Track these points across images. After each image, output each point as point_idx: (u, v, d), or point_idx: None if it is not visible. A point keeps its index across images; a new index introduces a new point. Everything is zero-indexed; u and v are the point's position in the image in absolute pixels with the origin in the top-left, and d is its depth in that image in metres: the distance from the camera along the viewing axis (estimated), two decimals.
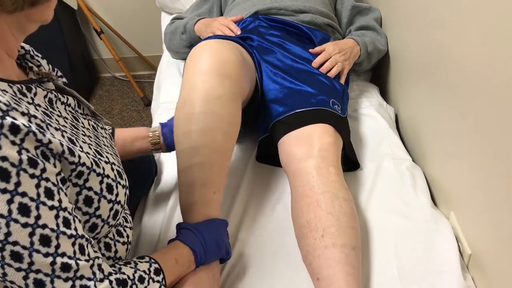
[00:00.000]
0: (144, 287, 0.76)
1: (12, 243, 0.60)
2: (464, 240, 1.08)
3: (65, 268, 0.65)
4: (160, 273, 0.80)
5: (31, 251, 0.62)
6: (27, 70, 0.79)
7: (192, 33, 1.54)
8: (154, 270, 0.80)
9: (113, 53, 2.51)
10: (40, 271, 0.63)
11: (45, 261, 0.63)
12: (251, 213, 1.16)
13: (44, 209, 0.63)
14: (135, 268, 0.77)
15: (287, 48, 1.38)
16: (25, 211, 0.61)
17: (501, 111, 0.89)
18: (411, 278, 1.00)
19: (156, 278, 0.79)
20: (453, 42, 1.08)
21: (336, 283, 0.92)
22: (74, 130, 0.76)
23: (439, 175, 1.22)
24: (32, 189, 0.61)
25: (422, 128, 1.33)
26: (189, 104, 1.05)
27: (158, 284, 0.79)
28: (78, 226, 0.68)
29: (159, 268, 0.81)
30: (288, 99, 1.24)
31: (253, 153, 1.33)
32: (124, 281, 0.72)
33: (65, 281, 0.65)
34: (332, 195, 1.03)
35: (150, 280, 0.78)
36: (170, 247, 0.90)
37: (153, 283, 0.78)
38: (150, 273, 0.78)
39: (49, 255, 0.63)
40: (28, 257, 0.62)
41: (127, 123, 2.51)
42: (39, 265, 0.63)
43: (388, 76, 1.62)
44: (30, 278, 0.63)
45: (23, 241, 0.61)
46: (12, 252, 0.60)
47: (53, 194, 0.64)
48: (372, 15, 1.63)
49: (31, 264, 0.62)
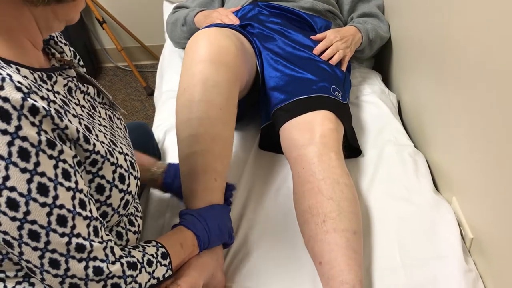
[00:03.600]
0: (152, 270, 0.77)
1: (30, 222, 0.61)
2: (466, 224, 1.08)
3: (79, 248, 0.66)
4: (167, 257, 0.82)
5: (48, 231, 0.63)
6: (49, 56, 0.80)
7: (192, 25, 1.54)
8: (161, 254, 0.81)
9: (115, 43, 2.50)
10: (55, 251, 0.64)
11: (61, 240, 0.64)
12: (254, 199, 1.17)
13: (62, 189, 0.64)
14: (143, 252, 0.78)
15: (288, 35, 1.38)
16: (44, 191, 0.62)
17: (503, 97, 0.89)
18: (413, 263, 1.01)
19: (163, 262, 0.81)
20: (455, 29, 1.08)
21: (338, 267, 0.93)
22: (90, 119, 0.77)
23: (441, 161, 1.23)
24: (50, 170, 0.62)
25: (424, 114, 1.33)
26: (188, 92, 1.05)
27: (165, 267, 0.81)
28: (93, 209, 0.70)
29: (166, 252, 0.82)
30: (289, 87, 1.24)
31: (255, 140, 1.33)
32: (134, 264, 0.74)
33: (79, 262, 0.66)
34: (333, 180, 1.04)
35: (157, 263, 0.79)
36: (175, 232, 0.91)
37: (160, 267, 0.80)
38: (157, 257, 0.80)
39: (65, 235, 0.64)
40: (45, 236, 0.63)
41: (130, 112, 2.51)
42: (55, 245, 0.64)
43: (391, 63, 1.61)
44: (46, 257, 0.64)
45: (41, 220, 0.62)
46: (30, 230, 0.62)
47: (70, 175, 0.65)
48: (374, 2, 1.62)
49: (47, 243, 0.63)
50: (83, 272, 0.67)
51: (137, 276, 0.74)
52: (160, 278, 0.80)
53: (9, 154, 0.59)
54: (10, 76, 0.59)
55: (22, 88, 0.60)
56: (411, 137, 1.37)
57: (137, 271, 0.74)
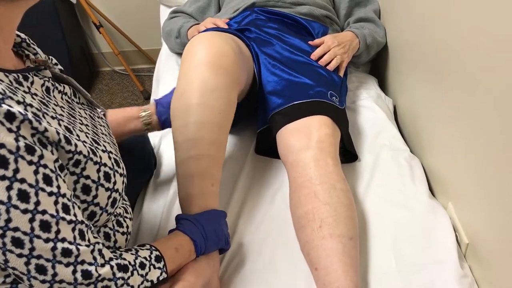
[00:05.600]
0: (145, 273, 0.77)
1: (12, 229, 0.61)
2: (461, 230, 1.08)
3: (66, 253, 0.65)
4: (161, 260, 0.81)
5: (32, 237, 0.62)
6: (23, 58, 0.79)
7: (185, 39, 1.55)
8: (155, 257, 0.81)
9: (112, 47, 2.51)
10: (41, 257, 0.64)
11: (46, 246, 0.63)
12: (250, 204, 1.17)
13: (43, 195, 0.63)
14: (136, 254, 0.78)
15: (285, 40, 1.39)
16: (24, 198, 0.61)
17: (500, 101, 0.89)
18: (409, 268, 1.01)
19: (157, 265, 0.80)
20: (451, 33, 1.08)
21: (334, 273, 0.93)
22: (71, 119, 0.76)
23: (437, 166, 1.23)
24: (30, 176, 0.62)
25: (421, 119, 1.33)
26: (186, 96, 1.05)
27: (159, 270, 0.80)
28: (78, 212, 0.69)
29: (160, 255, 0.82)
30: (286, 91, 1.24)
31: (252, 145, 1.33)
32: (125, 266, 0.73)
33: (67, 266, 0.66)
34: (329, 186, 1.04)
35: (151, 266, 0.79)
36: (170, 237, 0.91)
37: (154, 270, 0.79)
38: (151, 260, 0.79)
39: (50, 241, 0.64)
40: (29, 243, 0.62)
41: None
42: (40, 251, 0.63)
43: (387, 67, 1.62)
44: (32, 263, 0.63)
45: (23, 227, 0.61)
46: (13, 238, 0.61)
47: (52, 180, 0.65)
48: (370, 7, 1.63)
49: (32, 249, 0.63)
50: (71, 277, 0.66)
51: (129, 279, 0.73)
52: (154, 281, 0.79)
53: (9, 198, 0.59)
54: None
55: (12, 129, 0.59)
56: (407, 142, 1.37)
57: (129, 273, 0.73)
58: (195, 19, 1.66)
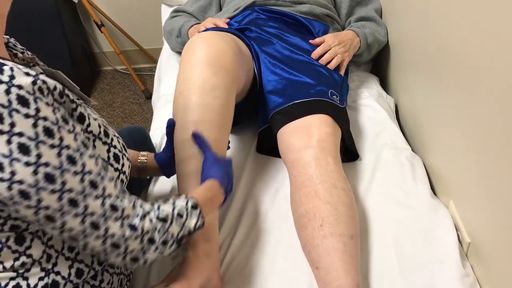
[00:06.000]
0: (183, 221, 0.79)
1: (68, 190, 0.66)
2: (463, 228, 1.08)
3: (113, 208, 0.71)
4: (197, 207, 0.83)
5: (84, 196, 0.67)
6: (12, 57, 0.80)
7: (186, 38, 1.55)
8: (191, 205, 0.82)
9: (113, 46, 2.51)
10: (94, 214, 0.69)
11: (97, 203, 0.69)
12: (251, 203, 1.17)
13: (86, 157, 0.69)
14: (173, 205, 0.80)
15: (286, 39, 1.38)
16: (73, 161, 0.66)
17: (501, 100, 0.89)
18: (411, 267, 1.01)
19: (194, 213, 0.82)
20: (453, 32, 1.08)
21: (335, 272, 0.93)
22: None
23: (439, 165, 1.23)
24: (73, 142, 0.67)
25: (422, 118, 1.33)
26: (185, 96, 1.05)
27: (196, 217, 0.82)
28: (112, 171, 0.75)
29: (196, 203, 0.83)
30: (287, 90, 1.24)
31: (253, 144, 1.33)
32: (164, 217, 0.76)
33: (115, 221, 0.70)
34: (330, 185, 1.03)
35: (188, 214, 0.81)
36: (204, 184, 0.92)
37: (191, 218, 0.81)
38: (187, 209, 0.81)
39: (99, 197, 0.69)
40: (83, 202, 0.67)
41: (129, 116, 2.51)
42: (92, 208, 0.68)
43: (388, 66, 1.62)
44: (87, 221, 0.68)
45: (76, 187, 0.67)
46: (69, 199, 0.66)
47: (88, 145, 0.71)
48: (372, 6, 1.63)
49: (86, 208, 0.68)
50: (120, 230, 0.71)
51: (169, 228, 0.76)
52: (191, 229, 0.81)
53: (36, 134, 0.63)
54: (15, 66, 0.63)
55: (29, 73, 0.64)
56: (409, 141, 1.37)
57: (168, 223, 0.76)
58: (196, 18, 1.67)
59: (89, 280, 0.79)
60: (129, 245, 0.72)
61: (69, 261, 0.75)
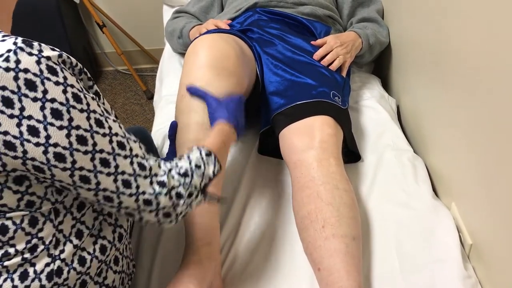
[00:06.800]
0: (202, 171, 0.82)
1: (99, 151, 0.70)
2: (465, 230, 1.08)
3: (142, 167, 0.75)
4: (211, 155, 0.85)
5: (115, 155, 0.72)
6: None
7: (187, 39, 1.55)
8: (205, 154, 0.85)
9: (115, 46, 2.51)
10: (125, 172, 0.73)
11: (126, 162, 0.73)
12: (253, 204, 1.17)
13: (110, 121, 0.73)
14: (189, 159, 0.82)
15: (288, 40, 1.38)
16: (100, 124, 0.71)
17: (503, 102, 0.89)
18: (412, 268, 1.01)
19: (209, 161, 0.85)
20: (454, 34, 1.08)
21: (336, 273, 0.93)
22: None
23: (441, 166, 1.23)
24: (97, 108, 0.72)
25: (424, 119, 1.33)
26: (188, 98, 1.05)
27: (213, 164, 0.85)
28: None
29: (209, 151, 0.86)
30: (289, 91, 1.24)
31: (254, 145, 1.33)
32: (185, 172, 0.80)
33: (145, 178, 0.75)
34: (332, 186, 1.03)
35: (205, 164, 0.83)
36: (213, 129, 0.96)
37: (208, 166, 0.84)
38: (203, 158, 0.84)
39: (127, 157, 0.74)
40: (113, 161, 0.72)
41: (130, 116, 2.52)
42: (123, 167, 0.73)
43: (390, 67, 1.62)
44: (119, 180, 0.72)
45: (106, 148, 0.71)
46: (100, 159, 0.70)
47: (110, 112, 0.76)
48: (373, 7, 1.63)
49: (117, 167, 0.72)
50: (150, 187, 0.75)
51: (192, 181, 0.79)
52: (211, 176, 0.84)
53: (67, 100, 0.67)
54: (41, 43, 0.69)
55: (55, 49, 0.69)
56: (410, 142, 1.37)
57: (190, 177, 0.79)
58: (198, 19, 1.67)
59: (93, 276, 0.79)
60: (160, 201, 0.75)
61: (74, 249, 0.76)
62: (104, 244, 0.81)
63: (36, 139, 0.65)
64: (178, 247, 1.04)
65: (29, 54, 0.65)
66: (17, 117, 0.64)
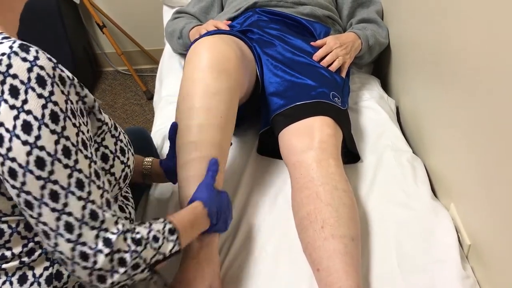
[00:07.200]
0: (158, 246, 0.77)
1: (53, 181, 0.65)
2: (463, 231, 1.09)
3: (93, 216, 0.69)
4: (174, 233, 0.81)
5: (67, 192, 0.66)
6: None
7: (187, 40, 1.55)
8: (168, 230, 0.80)
9: (115, 47, 2.51)
10: (71, 214, 0.67)
11: (78, 204, 0.67)
12: (252, 205, 1.17)
13: (81, 156, 0.68)
14: (149, 228, 0.78)
15: (287, 41, 1.39)
16: (67, 153, 0.66)
17: (502, 102, 0.89)
18: (411, 268, 1.01)
19: (170, 238, 0.80)
20: (454, 34, 1.08)
21: (336, 274, 0.93)
22: None
23: (440, 167, 1.23)
24: (73, 136, 0.68)
25: (423, 120, 1.33)
26: (189, 100, 1.05)
27: (172, 243, 0.80)
28: (105, 182, 0.73)
29: (173, 228, 0.81)
30: (288, 92, 1.24)
31: (254, 145, 1.34)
32: (139, 240, 0.74)
33: (91, 229, 0.68)
34: (331, 186, 1.04)
35: (164, 239, 0.78)
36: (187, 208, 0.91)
37: (167, 243, 0.79)
38: (164, 233, 0.79)
39: (82, 199, 0.68)
40: (64, 198, 0.66)
41: (130, 117, 2.52)
42: (72, 208, 0.67)
43: (389, 68, 1.62)
44: (62, 220, 0.67)
45: (62, 181, 0.66)
46: (51, 191, 0.65)
47: (87, 145, 0.71)
48: (373, 8, 1.63)
49: (65, 205, 0.66)
50: (93, 241, 0.68)
51: (142, 252, 0.74)
52: (166, 254, 0.79)
53: (43, 115, 0.64)
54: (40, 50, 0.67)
55: (52, 59, 0.67)
56: (410, 143, 1.37)
57: (142, 246, 0.74)
58: (199, 20, 1.67)
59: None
60: (98, 260, 0.69)
61: None
62: None
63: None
64: None
65: (23, 60, 0.64)
66: None
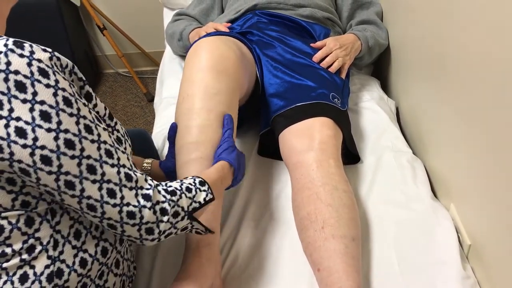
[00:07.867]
0: (192, 195, 0.82)
1: (86, 157, 0.70)
2: (463, 231, 1.09)
3: (128, 177, 0.74)
4: (204, 184, 0.86)
5: (101, 163, 0.71)
6: None
7: (187, 42, 1.56)
8: (199, 182, 0.85)
9: (116, 49, 2.52)
10: (110, 181, 0.72)
11: (113, 171, 0.72)
12: (253, 205, 1.18)
13: (100, 128, 0.73)
14: (180, 182, 0.83)
15: (287, 42, 1.39)
16: (89, 130, 0.71)
17: (502, 103, 0.89)
18: (411, 269, 1.01)
19: (202, 188, 0.85)
20: (454, 36, 1.08)
21: (336, 274, 0.93)
22: None
23: (440, 168, 1.23)
24: (88, 114, 0.72)
25: (423, 121, 1.33)
26: (189, 100, 1.06)
27: (205, 192, 0.85)
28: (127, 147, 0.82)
29: (203, 180, 0.86)
30: (288, 93, 1.25)
31: (254, 147, 1.34)
32: (173, 190, 0.80)
33: (130, 190, 0.74)
34: (331, 187, 1.04)
35: (197, 189, 0.84)
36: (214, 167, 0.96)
37: (200, 192, 0.84)
38: (195, 185, 0.84)
39: (115, 166, 0.73)
40: (100, 168, 0.71)
41: (131, 118, 2.52)
42: (109, 176, 0.72)
43: (389, 69, 1.62)
44: (104, 188, 0.71)
45: (94, 155, 0.71)
46: (87, 165, 0.70)
47: (100, 120, 0.76)
48: (373, 9, 1.63)
49: (103, 175, 0.71)
50: (135, 199, 0.74)
51: (178, 201, 0.79)
52: (201, 202, 0.83)
53: (56, 103, 0.67)
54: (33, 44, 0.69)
55: (46, 49, 0.69)
56: (410, 144, 1.37)
57: (178, 196, 0.79)
58: (199, 22, 1.67)
59: (94, 278, 0.79)
60: (144, 215, 0.74)
61: (74, 250, 0.76)
62: (106, 246, 0.81)
63: (24, 140, 0.65)
64: (178, 249, 1.05)
65: (20, 56, 0.65)
66: (5, 118, 0.64)
